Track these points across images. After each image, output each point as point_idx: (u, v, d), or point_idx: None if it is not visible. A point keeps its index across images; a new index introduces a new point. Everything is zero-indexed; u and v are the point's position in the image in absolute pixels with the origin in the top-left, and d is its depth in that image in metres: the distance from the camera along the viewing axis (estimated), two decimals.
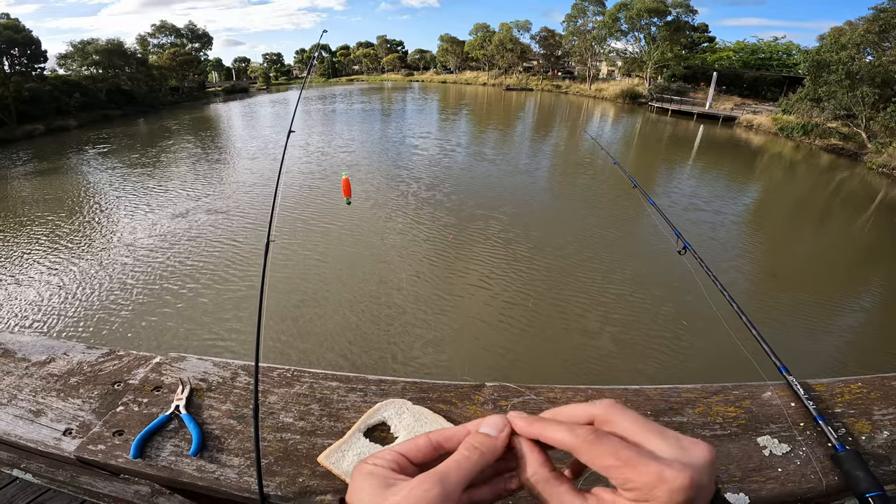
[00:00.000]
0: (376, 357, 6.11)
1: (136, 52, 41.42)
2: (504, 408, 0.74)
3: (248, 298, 7.44)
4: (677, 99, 35.56)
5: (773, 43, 40.09)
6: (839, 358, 6.49)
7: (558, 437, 0.34)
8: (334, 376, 0.86)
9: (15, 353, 1.03)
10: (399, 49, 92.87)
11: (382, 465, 0.34)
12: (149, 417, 0.80)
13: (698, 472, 0.30)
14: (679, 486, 0.30)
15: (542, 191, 14.59)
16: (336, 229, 10.55)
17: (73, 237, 10.64)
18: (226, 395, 0.84)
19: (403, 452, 0.36)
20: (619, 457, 0.31)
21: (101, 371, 0.95)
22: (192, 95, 49.83)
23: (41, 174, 17.58)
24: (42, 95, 29.40)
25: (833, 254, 10.48)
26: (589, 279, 8.23)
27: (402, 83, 75.20)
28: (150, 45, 48.66)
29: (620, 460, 0.31)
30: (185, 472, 0.71)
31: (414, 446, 0.36)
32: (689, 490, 0.30)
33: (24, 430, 0.82)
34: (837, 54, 19.97)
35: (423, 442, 0.37)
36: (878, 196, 15.43)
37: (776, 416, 0.72)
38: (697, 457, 0.32)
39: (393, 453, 0.36)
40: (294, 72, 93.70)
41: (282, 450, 0.72)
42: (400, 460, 0.35)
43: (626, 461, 0.31)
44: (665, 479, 0.30)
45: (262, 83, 77.87)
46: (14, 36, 28.26)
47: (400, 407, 0.76)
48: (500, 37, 56.47)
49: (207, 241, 9.93)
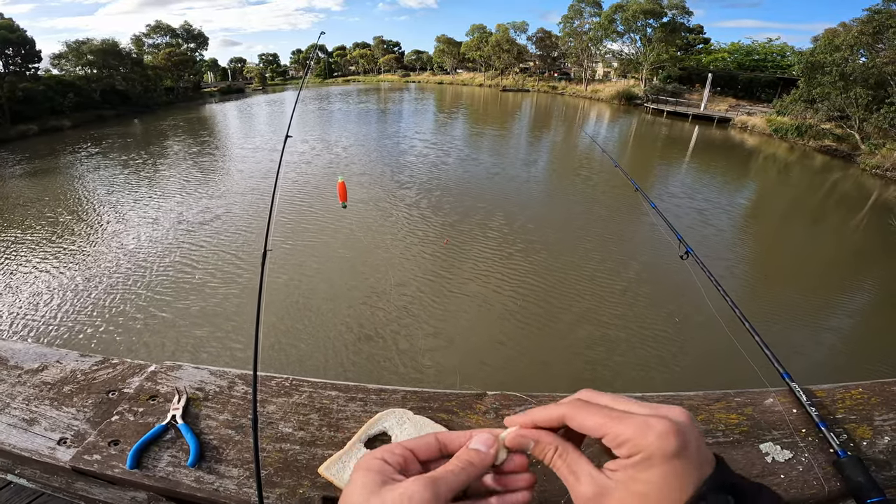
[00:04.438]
0: (375, 364, 6.09)
1: (131, 52, 41.26)
2: (506, 416, 0.74)
3: (243, 305, 7.38)
4: (673, 100, 35.75)
5: (767, 44, 40.42)
6: (832, 361, 6.53)
7: (551, 414, 0.38)
8: (333, 385, 0.85)
9: (7, 361, 1.01)
10: (396, 50, 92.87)
11: (389, 459, 0.36)
12: (145, 427, 0.79)
13: (678, 423, 0.33)
14: (665, 431, 0.32)
15: (538, 192, 14.62)
16: (331, 233, 10.52)
17: (62, 240, 10.55)
18: (223, 405, 0.82)
19: (413, 448, 0.38)
20: (606, 415, 0.35)
21: (95, 379, 0.94)
22: (188, 96, 49.63)
23: (33, 175, 17.45)
24: (36, 95, 29.20)
25: (826, 255, 10.55)
26: (589, 284, 8.24)
27: (398, 84, 75.19)
28: (146, 46, 48.41)
29: (607, 417, 0.35)
30: (183, 483, 0.69)
31: (424, 444, 0.38)
32: (675, 435, 0.32)
33: (17, 440, 0.81)
34: (831, 56, 20.13)
35: (432, 441, 0.39)
36: (871, 197, 15.56)
37: (778, 422, 0.72)
38: (674, 413, 0.34)
39: (402, 448, 0.37)
40: (290, 72, 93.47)
41: (281, 460, 0.71)
42: (408, 455, 0.37)
43: (613, 417, 0.35)
44: (650, 425, 0.33)
45: (258, 84, 77.60)
46: (8, 36, 28.07)
47: (401, 417, 0.75)
48: (496, 38, 56.58)
49: (201, 248, 9.82)
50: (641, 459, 0.33)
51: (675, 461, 0.32)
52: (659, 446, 0.32)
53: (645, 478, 0.33)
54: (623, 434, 0.33)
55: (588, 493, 0.35)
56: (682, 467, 0.32)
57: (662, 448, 0.32)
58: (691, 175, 17.91)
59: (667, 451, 0.32)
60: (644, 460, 0.33)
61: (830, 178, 18.45)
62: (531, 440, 0.38)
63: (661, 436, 0.32)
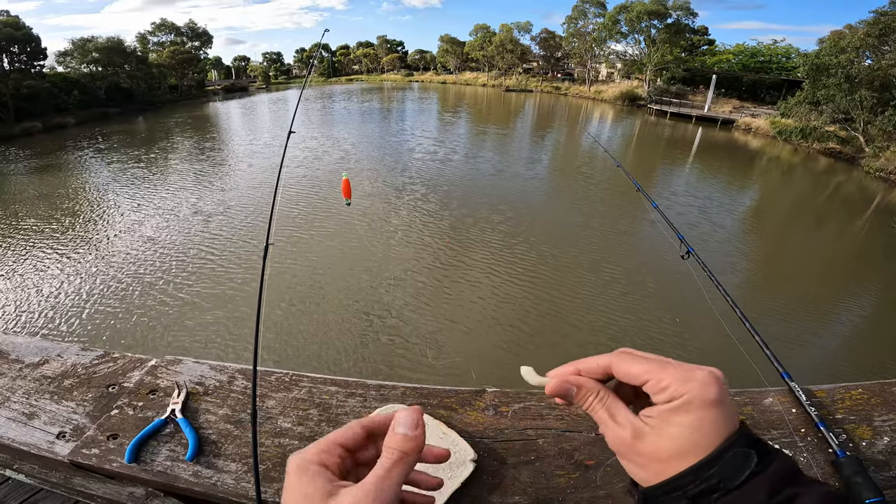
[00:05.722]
0: (376, 359, 6.10)
1: (136, 49, 41.34)
2: (505, 413, 0.74)
3: (244, 300, 7.41)
4: (676, 101, 35.65)
5: (772, 46, 40.24)
6: (831, 362, 6.52)
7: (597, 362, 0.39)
8: (333, 381, 0.85)
9: (8, 354, 1.01)
10: (399, 49, 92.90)
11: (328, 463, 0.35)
12: (144, 421, 0.79)
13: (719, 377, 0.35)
14: (707, 380, 0.34)
15: (540, 192, 14.61)
16: (334, 230, 10.54)
17: (66, 236, 10.60)
18: (223, 400, 0.83)
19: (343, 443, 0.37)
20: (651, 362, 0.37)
21: (96, 373, 0.93)
22: (191, 94, 49.73)
23: (37, 171, 17.53)
24: (41, 93, 29.28)
25: (827, 258, 10.51)
26: (590, 282, 8.24)
27: (401, 83, 75.23)
28: (150, 44, 48.54)
29: (652, 363, 0.37)
30: (182, 478, 0.69)
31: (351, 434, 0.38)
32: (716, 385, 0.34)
33: (16, 433, 0.81)
34: (836, 58, 20.02)
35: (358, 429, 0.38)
36: (874, 200, 15.49)
37: (778, 421, 0.72)
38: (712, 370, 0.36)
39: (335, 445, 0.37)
40: (294, 71, 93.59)
41: (280, 455, 0.71)
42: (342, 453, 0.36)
43: (657, 364, 0.37)
44: (694, 373, 0.35)
45: (262, 82, 77.74)
46: (14, 33, 28.14)
47: None
48: (500, 38, 56.54)
49: (203, 242, 9.88)
50: (682, 404, 0.34)
51: (712, 409, 0.34)
52: (700, 393, 0.34)
53: (680, 420, 0.34)
54: (665, 379, 0.35)
55: (624, 435, 0.37)
56: (717, 416, 0.34)
57: (703, 394, 0.34)
58: (694, 176, 17.88)
59: (707, 398, 0.34)
60: (684, 405, 0.34)
61: (833, 180, 18.38)
62: (574, 386, 0.39)
63: (703, 384, 0.34)
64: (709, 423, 0.34)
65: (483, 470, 0.67)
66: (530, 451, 0.68)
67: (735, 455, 0.34)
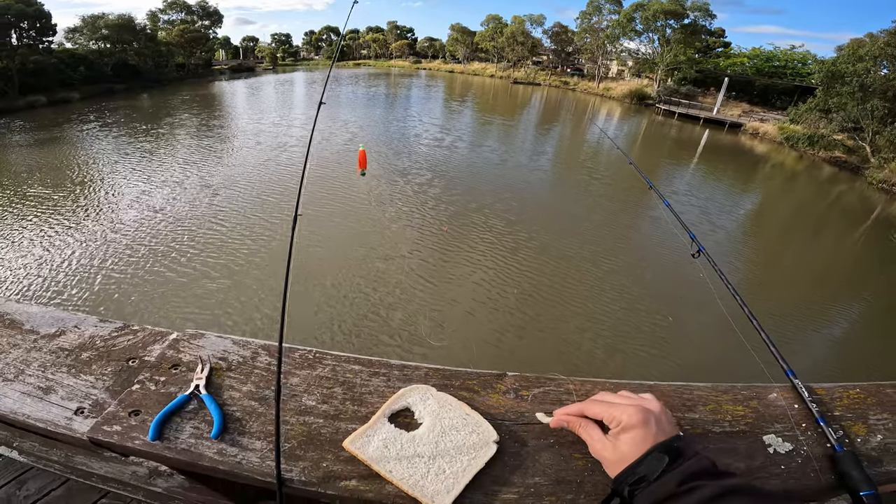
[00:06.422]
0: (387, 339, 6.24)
1: (145, 27, 40.86)
2: (525, 397, 0.77)
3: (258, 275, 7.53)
4: (685, 102, 35.32)
5: (789, 51, 39.49)
6: (830, 363, 6.62)
7: (577, 408, 0.66)
8: (357, 359, 0.83)
9: (22, 325, 0.95)
10: (409, 36, 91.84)
11: None
12: (167, 397, 0.75)
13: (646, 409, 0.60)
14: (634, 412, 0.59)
15: (545, 184, 14.59)
16: (344, 210, 10.63)
17: (71, 208, 10.60)
18: (246, 376, 0.79)
19: None
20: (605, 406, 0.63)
21: (115, 346, 0.88)
22: (198, 73, 49.28)
23: (37, 144, 17.43)
24: (47, 68, 28.95)
25: (824, 265, 10.55)
26: (599, 279, 8.28)
27: (409, 70, 74.48)
28: (161, 21, 47.94)
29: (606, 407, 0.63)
30: (206, 456, 0.67)
31: None
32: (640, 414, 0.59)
33: (32, 409, 0.75)
34: (854, 66, 19.75)
35: None
36: (875, 211, 15.46)
37: (780, 416, 0.75)
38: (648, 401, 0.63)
39: None
40: (301, 53, 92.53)
41: (305, 434, 0.70)
42: None
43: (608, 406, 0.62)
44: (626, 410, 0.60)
45: (269, 63, 76.92)
46: (25, 9, 27.73)
47: (424, 393, 0.76)
48: (511, 29, 55.81)
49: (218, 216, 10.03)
50: (620, 429, 0.59)
51: (638, 430, 0.58)
52: (628, 420, 0.59)
53: (622, 438, 0.59)
54: (613, 414, 0.61)
55: (598, 448, 0.62)
56: (642, 434, 0.58)
57: (630, 421, 0.59)
58: (697, 176, 17.82)
59: (632, 423, 0.58)
60: (622, 429, 0.59)
61: (836, 189, 18.32)
62: (565, 421, 0.67)
63: (631, 415, 0.59)
64: (637, 439, 0.57)
65: (504, 451, 0.68)
66: (550, 434, 0.70)
67: (652, 458, 0.55)
